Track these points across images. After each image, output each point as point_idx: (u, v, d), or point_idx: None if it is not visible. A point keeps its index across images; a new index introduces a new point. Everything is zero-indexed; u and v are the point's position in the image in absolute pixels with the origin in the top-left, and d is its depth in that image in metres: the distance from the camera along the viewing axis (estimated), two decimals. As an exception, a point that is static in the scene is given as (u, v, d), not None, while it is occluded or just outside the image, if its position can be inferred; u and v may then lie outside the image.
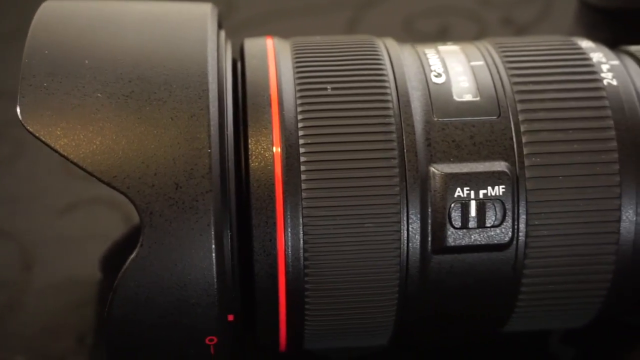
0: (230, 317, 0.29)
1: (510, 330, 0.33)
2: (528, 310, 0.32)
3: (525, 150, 0.30)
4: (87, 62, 0.29)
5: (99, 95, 0.28)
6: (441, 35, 0.55)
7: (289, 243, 0.29)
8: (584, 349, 0.36)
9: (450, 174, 0.30)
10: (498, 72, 0.32)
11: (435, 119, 0.30)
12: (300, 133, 0.30)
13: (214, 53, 0.30)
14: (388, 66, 0.31)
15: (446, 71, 0.32)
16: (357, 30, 0.56)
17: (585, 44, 0.33)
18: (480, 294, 0.31)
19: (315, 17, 0.57)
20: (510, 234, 0.30)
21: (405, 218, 0.30)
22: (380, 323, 0.31)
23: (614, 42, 0.36)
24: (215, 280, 0.28)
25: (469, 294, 0.31)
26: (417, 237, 0.30)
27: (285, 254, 0.29)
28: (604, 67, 0.32)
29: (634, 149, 0.31)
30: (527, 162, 0.30)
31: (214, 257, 0.28)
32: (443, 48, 0.33)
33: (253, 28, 0.55)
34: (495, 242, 0.30)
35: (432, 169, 0.30)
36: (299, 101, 0.30)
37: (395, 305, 0.31)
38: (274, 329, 0.31)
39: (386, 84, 0.31)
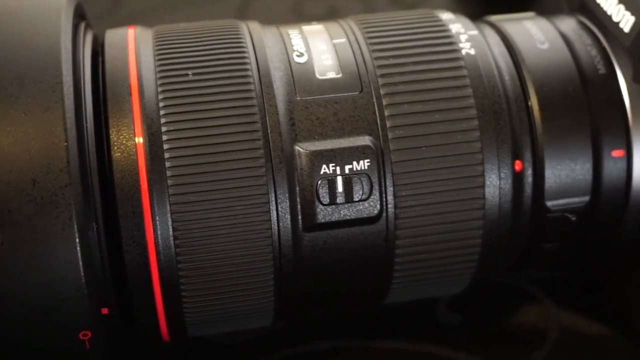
0: (105, 311, 0.29)
1: (393, 301, 0.34)
2: (405, 280, 0.32)
3: (388, 124, 0.31)
4: None
5: (-53, 95, 0.27)
6: (330, 18, 0.55)
7: (159, 232, 0.29)
8: (470, 314, 0.37)
9: (315, 151, 0.30)
10: (360, 48, 0.32)
11: (298, 97, 0.31)
12: (162, 121, 0.29)
13: (68, 45, 0.29)
14: (250, 48, 0.32)
15: (309, 50, 0.32)
16: (246, 17, 0.55)
17: (446, 16, 0.34)
18: (357, 268, 0.32)
19: (204, 7, 0.56)
20: (378, 206, 0.30)
21: (273, 198, 0.30)
22: (260, 304, 0.32)
23: (489, 13, 0.37)
24: (82, 274, 0.27)
25: (345, 268, 0.31)
26: (287, 216, 0.30)
27: (155, 243, 0.29)
28: (463, 38, 0.33)
29: (493, 115, 0.31)
30: (390, 135, 0.30)
31: (79, 251, 0.27)
32: (307, 28, 0.33)
33: (140, 21, 0.54)
34: (365, 215, 0.30)
35: (297, 147, 0.30)
36: (160, 89, 0.30)
37: (273, 286, 0.31)
38: (153, 319, 0.31)
39: (247, 67, 0.31)
